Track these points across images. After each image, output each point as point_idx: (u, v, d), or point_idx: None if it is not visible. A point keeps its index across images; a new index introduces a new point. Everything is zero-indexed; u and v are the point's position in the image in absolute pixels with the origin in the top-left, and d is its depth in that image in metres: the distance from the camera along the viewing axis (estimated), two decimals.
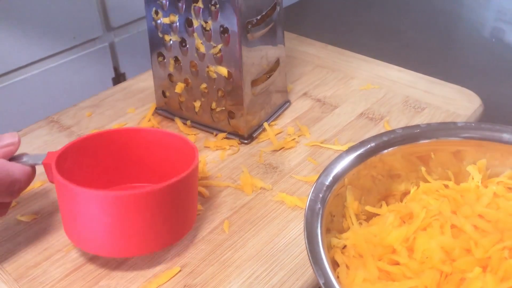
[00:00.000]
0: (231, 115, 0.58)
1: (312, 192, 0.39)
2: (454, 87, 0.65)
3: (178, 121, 0.62)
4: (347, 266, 0.38)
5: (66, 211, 0.43)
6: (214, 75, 0.56)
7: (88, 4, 0.75)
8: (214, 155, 0.57)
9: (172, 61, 0.59)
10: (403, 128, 0.45)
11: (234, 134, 0.59)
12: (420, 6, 0.97)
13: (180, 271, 0.44)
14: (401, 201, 0.45)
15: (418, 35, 0.87)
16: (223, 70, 0.55)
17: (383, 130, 0.58)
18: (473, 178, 0.44)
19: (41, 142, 0.60)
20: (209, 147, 0.58)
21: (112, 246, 0.43)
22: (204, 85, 0.58)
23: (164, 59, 0.59)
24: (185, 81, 0.59)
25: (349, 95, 0.65)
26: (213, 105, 0.58)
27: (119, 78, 0.82)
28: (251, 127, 0.59)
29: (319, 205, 0.38)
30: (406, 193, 0.45)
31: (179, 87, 0.59)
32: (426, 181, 0.45)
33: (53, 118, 0.65)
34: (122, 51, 0.82)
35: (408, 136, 0.44)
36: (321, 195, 0.39)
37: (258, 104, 0.59)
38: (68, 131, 0.62)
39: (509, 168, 0.43)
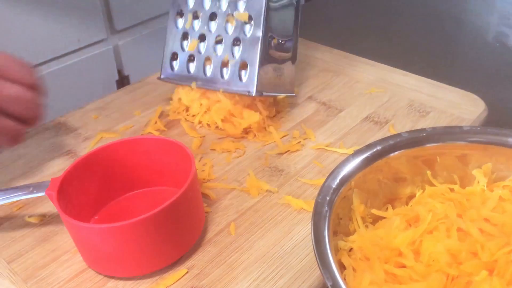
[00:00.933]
0: (243, 67, 0.59)
1: (319, 195, 0.39)
2: (459, 91, 0.65)
3: (184, 123, 0.62)
4: (353, 269, 0.39)
5: (73, 238, 0.45)
6: (234, 23, 0.58)
7: (92, 7, 0.75)
8: (220, 158, 0.57)
9: (190, 17, 0.61)
10: (409, 132, 0.45)
11: (243, 91, 0.59)
12: (424, 10, 0.98)
13: (187, 272, 0.45)
14: (407, 204, 0.45)
15: (423, 39, 0.87)
16: (245, 15, 0.57)
17: (388, 134, 0.58)
18: (478, 182, 0.44)
19: (48, 144, 0.61)
20: (215, 149, 0.58)
21: (118, 268, 0.44)
22: (220, 37, 0.60)
23: (182, 17, 0.61)
24: (200, 38, 0.61)
25: (354, 98, 0.66)
26: (226, 57, 0.59)
27: (123, 80, 0.83)
28: (262, 85, 0.59)
29: (326, 208, 0.39)
30: (411, 197, 0.46)
31: (193, 44, 0.61)
32: (431, 184, 0.45)
33: (60, 120, 0.65)
34: (126, 54, 0.82)
35: (414, 139, 0.44)
36: (328, 198, 0.39)
37: (270, 69, 0.60)
38: (74, 133, 0.63)
39: None
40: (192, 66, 0.62)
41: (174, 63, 0.63)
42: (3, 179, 0.56)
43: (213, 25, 0.60)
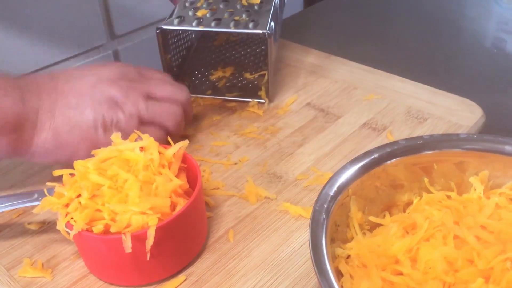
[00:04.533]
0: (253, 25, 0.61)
1: (316, 203, 0.40)
2: (456, 98, 0.65)
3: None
4: (351, 276, 0.39)
5: (78, 246, 0.45)
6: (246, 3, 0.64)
7: (92, 12, 0.75)
8: (218, 164, 0.58)
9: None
10: (406, 139, 0.45)
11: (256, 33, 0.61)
12: (422, 16, 0.98)
13: (185, 280, 0.45)
14: (404, 211, 0.45)
15: (421, 46, 0.88)
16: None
17: (386, 141, 0.59)
18: (475, 189, 0.45)
19: None
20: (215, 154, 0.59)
21: (122, 277, 0.44)
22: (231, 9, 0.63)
23: None
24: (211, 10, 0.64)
25: (352, 105, 0.66)
26: (237, 18, 0.62)
27: None
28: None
29: (324, 216, 0.39)
30: (409, 204, 0.46)
31: (202, 12, 0.63)
32: (429, 191, 0.45)
33: None
34: (125, 59, 0.83)
35: (411, 147, 0.45)
36: (325, 206, 0.40)
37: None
38: None
39: (511, 179, 0.44)
40: (199, 24, 0.62)
41: (179, 20, 0.63)
42: (2, 186, 0.56)
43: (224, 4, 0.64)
